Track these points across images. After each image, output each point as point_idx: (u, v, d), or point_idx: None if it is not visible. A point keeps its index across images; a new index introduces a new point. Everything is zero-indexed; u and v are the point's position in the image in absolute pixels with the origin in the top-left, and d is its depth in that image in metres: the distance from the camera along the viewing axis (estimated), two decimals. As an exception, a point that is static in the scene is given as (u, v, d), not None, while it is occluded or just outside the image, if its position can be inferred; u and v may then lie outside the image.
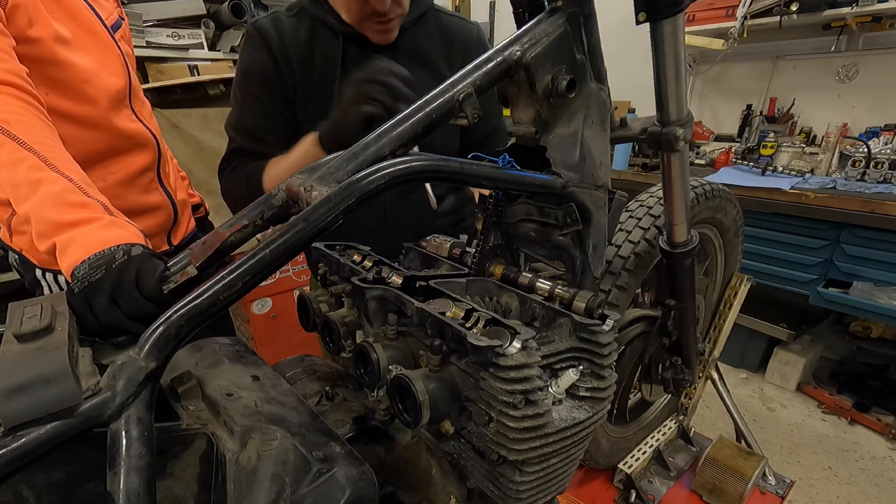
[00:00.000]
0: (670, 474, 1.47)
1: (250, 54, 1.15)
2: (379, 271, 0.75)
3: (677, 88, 0.82)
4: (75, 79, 1.01)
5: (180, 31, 2.90)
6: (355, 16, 1.09)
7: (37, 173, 0.79)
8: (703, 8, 3.07)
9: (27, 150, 0.79)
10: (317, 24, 1.14)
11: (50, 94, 0.97)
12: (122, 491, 0.42)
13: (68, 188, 0.79)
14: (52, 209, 0.77)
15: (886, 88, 2.87)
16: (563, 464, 0.64)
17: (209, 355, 0.76)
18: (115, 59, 1.12)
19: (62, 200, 0.78)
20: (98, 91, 1.05)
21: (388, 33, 1.13)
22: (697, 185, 1.28)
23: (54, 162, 0.81)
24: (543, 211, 0.80)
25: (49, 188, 0.78)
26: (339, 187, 0.57)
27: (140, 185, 1.19)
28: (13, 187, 0.79)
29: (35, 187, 0.78)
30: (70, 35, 1.01)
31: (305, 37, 1.14)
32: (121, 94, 1.12)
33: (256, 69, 1.14)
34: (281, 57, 1.13)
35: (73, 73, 1.00)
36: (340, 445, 0.58)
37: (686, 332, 1.28)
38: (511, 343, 0.53)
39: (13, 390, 0.41)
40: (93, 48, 1.07)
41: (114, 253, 0.70)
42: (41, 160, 0.80)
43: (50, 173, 0.80)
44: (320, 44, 1.14)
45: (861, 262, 2.39)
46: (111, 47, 1.12)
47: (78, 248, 0.73)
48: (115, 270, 0.64)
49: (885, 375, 2.78)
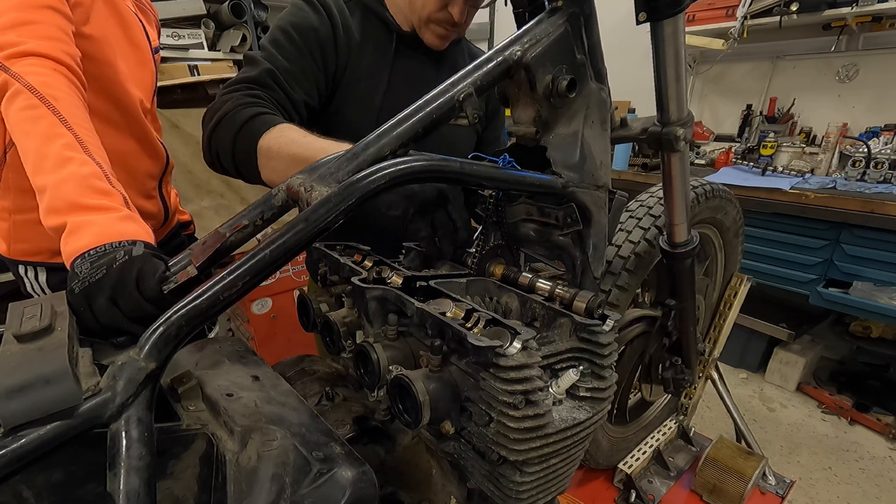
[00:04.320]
0: (670, 474, 1.47)
1: (306, 13, 1.09)
2: (379, 271, 0.75)
3: (677, 88, 0.82)
4: (109, 79, 1.06)
5: (180, 31, 2.91)
6: (427, 14, 1.10)
7: (69, 152, 0.78)
8: (703, 8, 3.07)
9: (66, 128, 0.79)
10: (370, 17, 1.16)
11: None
12: (122, 491, 0.42)
13: (96, 174, 0.79)
14: (76, 189, 0.75)
15: (886, 88, 2.87)
16: (564, 464, 0.64)
17: (209, 355, 0.76)
18: (148, 75, 1.20)
19: (88, 184, 0.77)
20: (126, 97, 1.11)
21: (445, 40, 1.17)
22: (697, 185, 1.28)
23: (89, 146, 0.81)
24: (543, 211, 0.80)
25: (78, 169, 0.77)
26: (340, 187, 0.57)
27: (141, 189, 1.24)
28: (39, 157, 0.77)
29: (64, 164, 0.77)
30: (118, 41, 1.08)
31: (359, 28, 1.14)
32: (144, 106, 1.18)
33: (309, 25, 1.07)
34: (340, 30, 1.10)
35: (108, 73, 1.06)
36: (340, 446, 0.58)
37: (686, 332, 1.28)
38: (511, 343, 0.53)
39: (13, 390, 0.41)
40: (133, 60, 1.14)
41: (115, 252, 0.69)
42: (78, 141, 0.80)
43: (82, 155, 0.79)
44: (373, 38, 1.16)
45: (861, 262, 2.39)
46: (148, 64, 1.20)
47: (90, 234, 0.71)
48: (115, 271, 0.63)
49: (885, 375, 2.78)
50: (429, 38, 1.16)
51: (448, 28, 1.13)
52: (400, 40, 1.17)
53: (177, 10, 2.87)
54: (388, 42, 1.17)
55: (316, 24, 1.08)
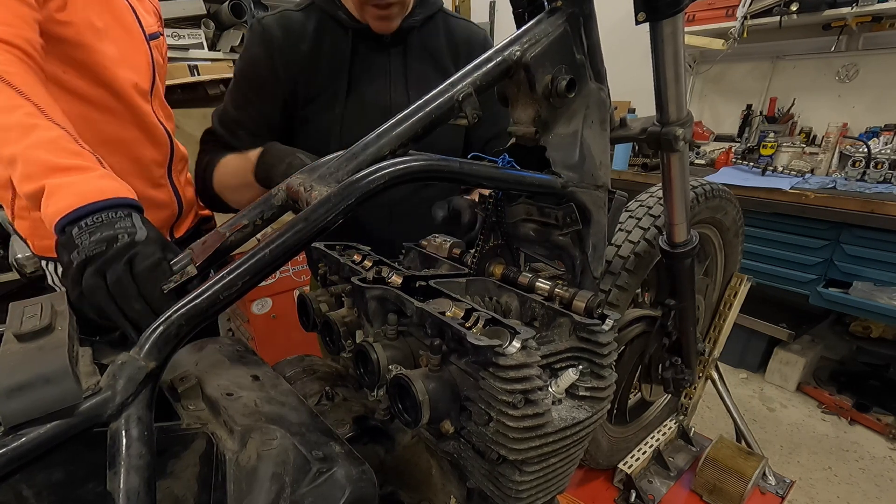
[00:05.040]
0: (670, 474, 1.47)
1: (249, 50, 1.15)
2: (379, 271, 0.75)
3: (677, 88, 0.82)
4: (96, 63, 1.06)
5: (180, 31, 2.91)
6: (356, 1, 1.09)
7: (33, 119, 0.77)
8: (703, 8, 3.07)
9: (25, 99, 0.79)
10: (326, 20, 1.14)
11: (68, 73, 1.03)
12: (122, 491, 0.42)
13: (64, 136, 0.78)
14: (47, 152, 0.74)
15: (886, 88, 2.87)
16: (563, 463, 0.64)
17: (209, 355, 0.76)
18: (142, 57, 1.19)
19: (58, 146, 0.76)
20: (116, 79, 1.10)
21: (388, 21, 1.11)
22: (697, 185, 1.28)
23: (50, 113, 0.80)
24: (543, 211, 0.80)
25: (45, 133, 0.77)
26: (339, 187, 0.57)
27: (149, 178, 1.23)
28: (3, 130, 0.76)
29: (29, 131, 0.76)
30: (103, 26, 1.08)
31: (313, 32, 1.13)
32: (139, 90, 1.17)
33: (250, 66, 1.15)
34: (280, 57, 1.12)
35: (95, 57, 1.06)
36: (340, 445, 0.58)
37: (686, 332, 1.28)
38: (511, 343, 0.53)
39: (13, 390, 0.41)
40: (123, 42, 1.13)
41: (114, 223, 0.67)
42: (38, 109, 0.79)
43: (46, 121, 0.78)
44: (329, 39, 1.14)
45: (861, 262, 2.39)
46: (141, 47, 1.19)
47: (71, 194, 0.69)
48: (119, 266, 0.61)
49: (885, 375, 2.78)
50: (372, 23, 1.11)
51: (381, 7, 1.07)
52: (357, 35, 1.14)
53: (177, 10, 2.87)
54: (345, 41, 1.14)
55: (256, 62, 1.14)
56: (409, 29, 1.17)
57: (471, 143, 1.33)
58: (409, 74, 1.19)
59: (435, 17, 1.22)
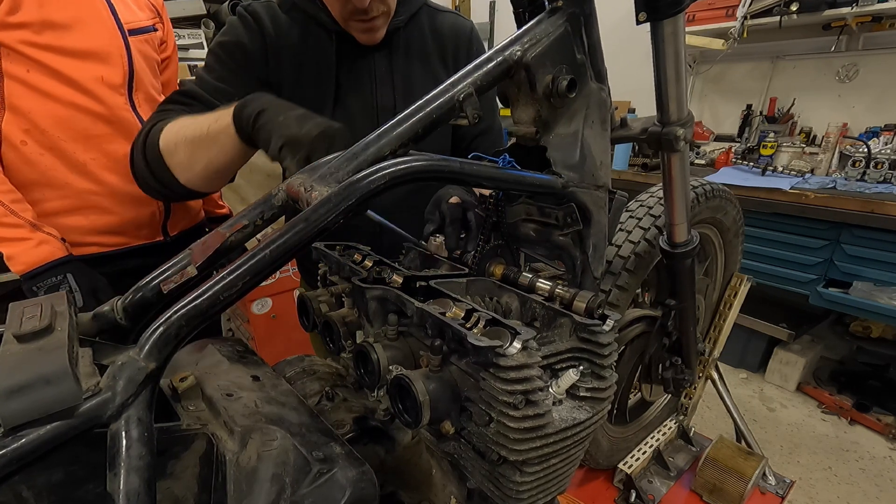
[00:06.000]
0: (670, 474, 1.47)
1: (236, 29, 1.08)
2: (379, 271, 0.75)
3: (677, 88, 0.82)
4: (57, 61, 1.07)
5: (180, 31, 2.90)
6: (339, 15, 1.06)
7: None
8: (703, 8, 3.07)
9: None
10: (309, 23, 1.11)
11: (32, 72, 1.06)
12: (122, 491, 0.42)
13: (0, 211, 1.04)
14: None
15: (886, 88, 2.87)
16: (564, 464, 0.64)
17: (209, 355, 0.76)
18: (115, 50, 1.16)
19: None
20: (83, 75, 1.11)
21: (373, 32, 1.09)
22: (697, 185, 1.28)
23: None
24: (543, 211, 0.80)
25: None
26: (340, 187, 0.57)
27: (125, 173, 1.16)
28: None
29: None
30: (66, 21, 1.07)
31: (298, 38, 1.11)
32: (112, 83, 1.16)
33: (237, 42, 1.07)
34: (272, 48, 1.09)
35: (56, 55, 1.07)
36: (340, 446, 0.58)
37: (686, 332, 1.28)
38: (511, 343, 0.53)
39: (13, 390, 0.41)
40: (90, 36, 1.12)
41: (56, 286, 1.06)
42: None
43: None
44: (313, 43, 1.11)
45: (861, 262, 2.39)
46: (114, 40, 1.16)
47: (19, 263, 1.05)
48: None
49: (885, 375, 2.78)
50: (358, 36, 1.09)
51: (365, 20, 1.04)
52: (341, 40, 1.11)
53: (177, 10, 2.86)
54: (330, 46, 1.11)
55: (245, 41, 1.08)
56: (393, 30, 1.14)
57: (457, 139, 1.32)
58: (395, 77, 1.17)
59: (419, 14, 1.19)
